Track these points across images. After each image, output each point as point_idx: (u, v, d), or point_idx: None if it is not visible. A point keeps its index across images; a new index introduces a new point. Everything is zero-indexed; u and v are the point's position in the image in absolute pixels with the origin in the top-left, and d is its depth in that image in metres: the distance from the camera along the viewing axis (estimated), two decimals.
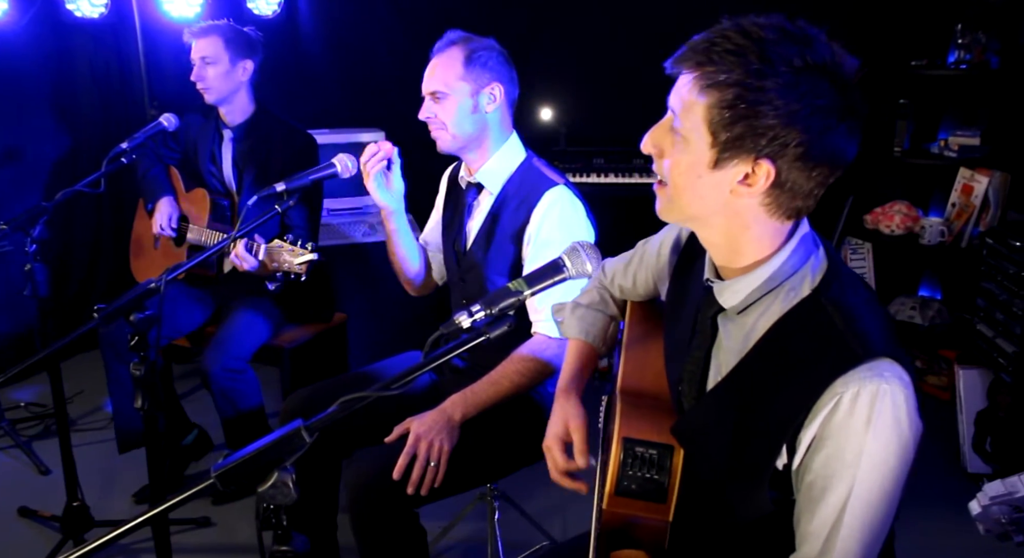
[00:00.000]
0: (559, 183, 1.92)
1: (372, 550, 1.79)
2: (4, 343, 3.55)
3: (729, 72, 0.97)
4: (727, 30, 1.00)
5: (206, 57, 2.59)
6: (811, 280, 1.07)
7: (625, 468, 1.17)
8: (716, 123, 0.99)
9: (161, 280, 1.68)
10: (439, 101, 1.90)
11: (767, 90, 0.96)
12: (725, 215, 1.06)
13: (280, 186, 1.92)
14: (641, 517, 1.17)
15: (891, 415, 0.99)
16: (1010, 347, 2.69)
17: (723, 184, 1.03)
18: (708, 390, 1.18)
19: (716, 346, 1.17)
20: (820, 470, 1.02)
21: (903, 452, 1.01)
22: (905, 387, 1.00)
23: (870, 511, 1.01)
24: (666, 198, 1.09)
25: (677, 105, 1.04)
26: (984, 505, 2.27)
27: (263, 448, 1.09)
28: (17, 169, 3.56)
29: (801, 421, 1.02)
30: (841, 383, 0.99)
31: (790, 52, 0.96)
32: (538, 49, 3.72)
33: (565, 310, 1.62)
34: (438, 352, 1.18)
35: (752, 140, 0.98)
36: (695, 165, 1.03)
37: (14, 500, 2.67)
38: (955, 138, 3.32)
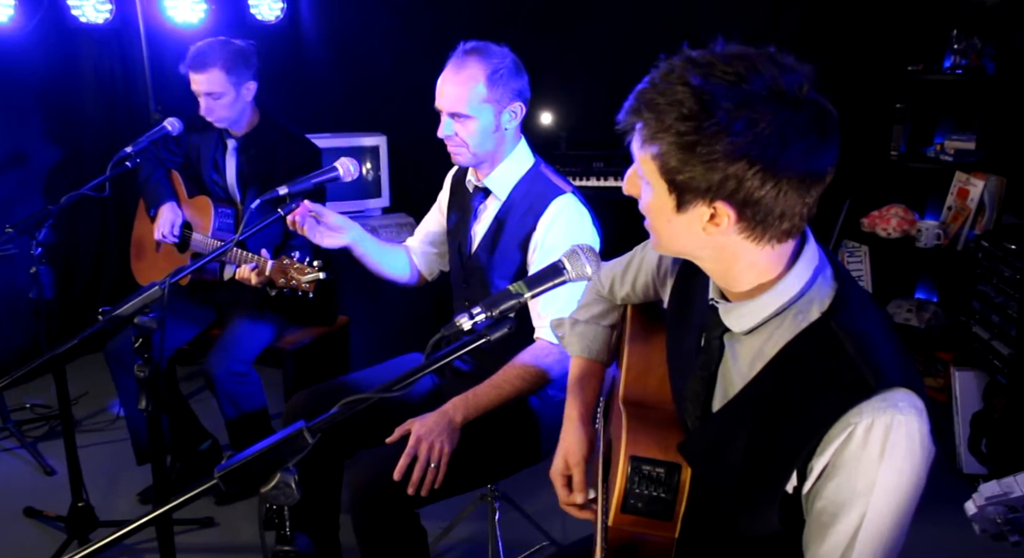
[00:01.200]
0: (566, 191, 1.92)
1: (373, 550, 1.80)
2: (10, 345, 3.56)
3: (663, 123, 0.96)
4: (660, 78, 0.99)
5: (212, 93, 2.53)
6: (820, 303, 1.05)
7: (632, 486, 1.16)
8: (665, 171, 0.99)
9: (165, 283, 1.69)
10: (461, 122, 1.86)
11: (704, 132, 0.94)
12: (711, 250, 1.06)
13: (283, 190, 1.91)
14: (647, 534, 1.16)
15: (905, 446, 0.98)
16: (1005, 349, 2.71)
17: (694, 225, 1.02)
18: (714, 411, 1.16)
19: (723, 366, 1.15)
20: (831, 497, 1.01)
21: (916, 481, 1.00)
22: (919, 415, 0.99)
23: (882, 538, 1.01)
24: (654, 235, 1.10)
25: (635, 155, 1.04)
26: (980, 505, 2.28)
27: (266, 449, 1.10)
28: (22, 173, 3.57)
29: (813, 448, 1.01)
30: (855, 413, 0.98)
31: (721, 91, 0.94)
32: (540, 54, 3.73)
33: (564, 326, 1.62)
34: (439, 354, 1.19)
35: (704, 183, 0.97)
36: (663, 209, 1.03)
37: (20, 500, 2.69)
38: (951, 142, 3.33)
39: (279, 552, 1.16)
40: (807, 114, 0.95)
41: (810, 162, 0.96)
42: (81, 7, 3.46)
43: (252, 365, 2.62)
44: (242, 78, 2.58)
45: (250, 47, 2.64)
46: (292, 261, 2.09)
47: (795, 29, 3.56)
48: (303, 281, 2.05)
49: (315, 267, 2.05)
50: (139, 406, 1.75)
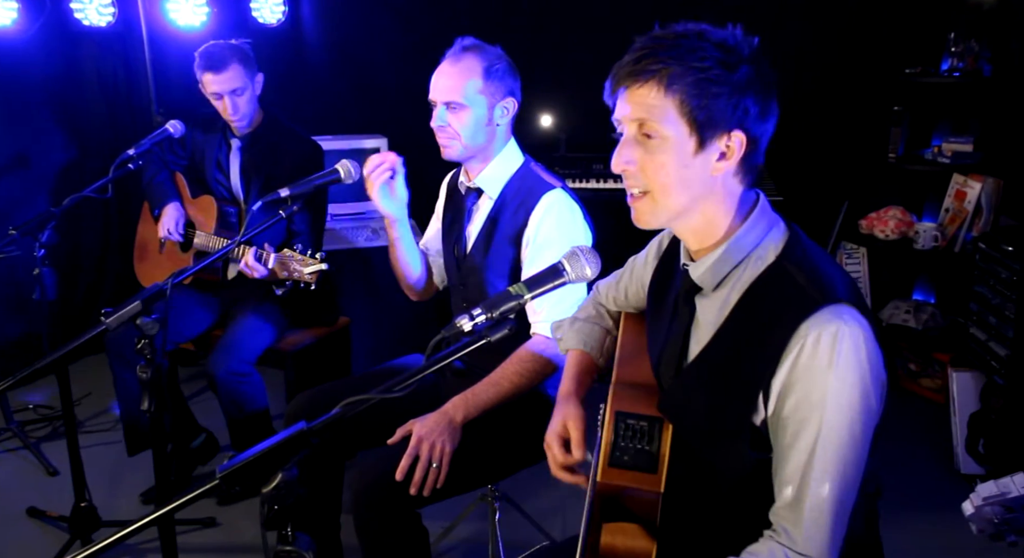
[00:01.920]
0: (556, 186, 1.94)
1: (375, 550, 1.80)
2: (13, 346, 3.57)
3: (684, 64, 1.09)
4: (659, 35, 1.14)
5: (236, 89, 2.56)
6: (775, 247, 1.16)
7: (617, 439, 1.21)
8: (692, 110, 1.10)
9: (167, 284, 1.69)
10: (454, 111, 1.89)
11: (724, 69, 1.09)
12: (705, 196, 1.16)
13: (284, 192, 1.92)
14: (634, 489, 1.20)
15: (852, 355, 1.06)
16: (1002, 350, 2.72)
17: (707, 165, 1.13)
18: (686, 365, 1.24)
19: (694, 324, 1.24)
20: (791, 415, 1.09)
21: (865, 390, 1.07)
22: (864, 329, 1.07)
23: (839, 451, 1.07)
24: (650, 205, 1.17)
25: (643, 113, 1.12)
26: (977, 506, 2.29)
27: (268, 449, 1.11)
28: (25, 175, 3.58)
29: (772, 370, 1.10)
30: (804, 327, 1.07)
31: (717, 36, 1.12)
32: (539, 57, 3.75)
33: (564, 326, 1.66)
34: (440, 355, 1.20)
35: (723, 114, 1.10)
36: (681, 157, 1.12)
37: (23, 501, 2.70)
38: (948, 144, 3.35)
39: (281, 552, 1.16)
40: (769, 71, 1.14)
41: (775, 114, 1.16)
42: (84, 10, 3.48)
43: (254, 366, 2.63)
44: (253, 72, 2.64)
45: (248, 45, 2.69)
46: (294, 253, 2.10)
47: (795, 33, 3.58)
48: (305, 272, 2.06)
49: (317, 258, 2.06)
50: (142, 407, 1.76)
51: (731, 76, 1.09)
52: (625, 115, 1.15)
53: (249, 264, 2.23)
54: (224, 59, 2.55)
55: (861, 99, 3.57)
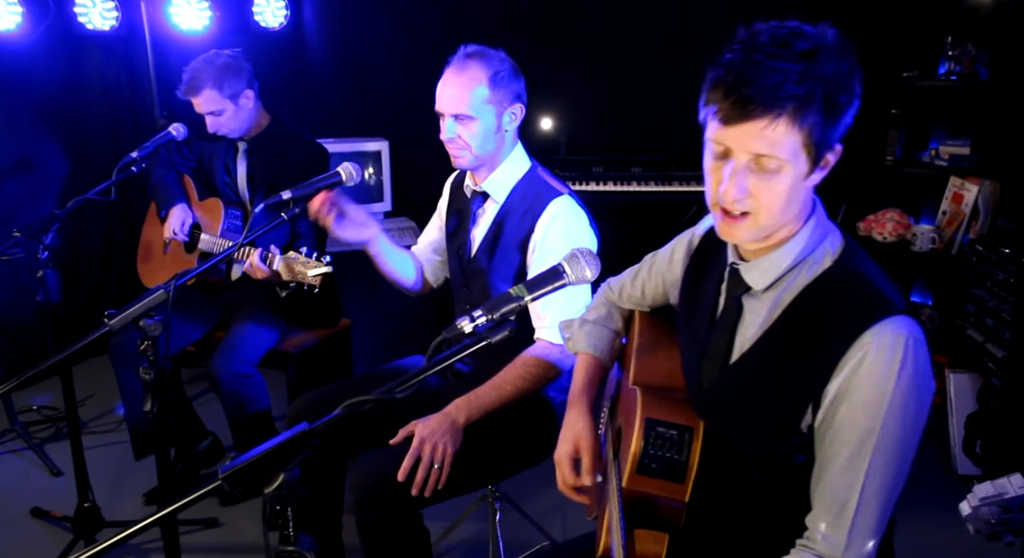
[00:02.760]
0: (563, 193, 1.94)
1: (376, 550, 1.81)
2: (17, 347, 3.58)
3: (815, 93, 1.04)
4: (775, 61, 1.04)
5: (212, 111, 2.60)
6: (832, 254, 1.16)
7: (647, 447, 1.20)
8: (816, 137, 1.07)
9: (170, 286, 1.69)
10: (463, 123, 1.87)
11: (843, 94, 1.06)
12: (798, 206, 1.14)
13: (286, 194, 1.92)
14: (659, 496, 1.20)
15: (913, 366, 1.06)
16: (999, 352, 2.73)
17: (811, 181, 1.13)
18: (732, 362, 1.22)
19: (741, 324, 1.22)
20: (844, 420, 1.08)
21: (921, 401, 1.08)
22: (922, 342, 1.08)
23: (894, 458, 1.07)
24: (751, 225, 1.13)
25: (767, 149, 1.06)
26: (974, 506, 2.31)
27: (270, 450, 1.11)
28: (30, 178, 3.60)
29: (829, 374, 1.09)
30: (868, 336, 1.06)
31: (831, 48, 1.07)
32: (539, 60, 3.75)
33: (573, 326, 1.66)
34: (441, 356, 1.20)
35: (835, 134, 1.09)
36: (796, 181, 1.10)
37: (27, 501, 2.71)
38: (946, 147, 3.36)
39: (283, 552, 1.16)
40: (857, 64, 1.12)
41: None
42: (88, 14, 3.50)
43: (256, 367, 2.63)
44: (237, 89, 2.61)
45: (237, 55, 2.65)
46: (299, 256, 2.10)
47: None
48: (309, 275, 2.06)
49: (322, 261, 2.06)
50: (145, 408, 1.76)
51: (850, 97, 1.07)
52: (743, 147, 1.08)
53: (254, 265, 2.24)
54: (197, 85, 2.57)
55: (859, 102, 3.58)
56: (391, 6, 3.86)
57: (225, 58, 2.62)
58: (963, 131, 3.43)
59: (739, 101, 1.04)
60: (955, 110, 3.47)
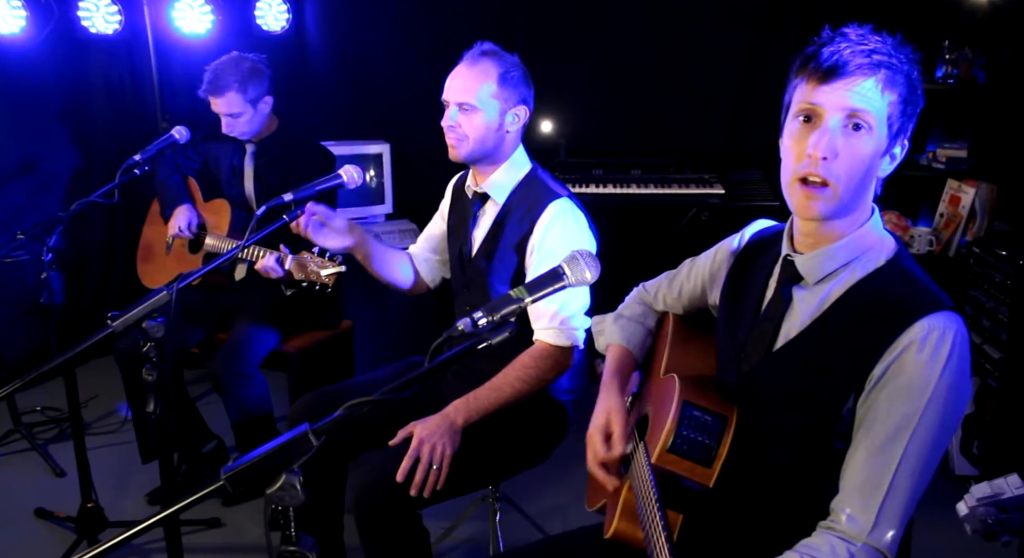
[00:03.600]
0: (562, 195, 1.95)
1: (377, 550, 1.82)
2: (21, 349, 3.60)
3: (902, 69, 1.14)
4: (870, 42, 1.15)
5: (231, 113, 2.63)
6: (885, 255, 1.20)
7: (680, 427, 1.23)
8: (895, 115, 1.15)
9: (172, 288, 1.70)
10: (466, 112, 1.90)
11: (918, 69, 1.16)
12: (868, 189, 1.20)
13: (288, 196, 1.94)
14: (684, 477, 1.23)
15: (959, 359, 1.10)
16: (996, 353, 2.74)
17: (879, 166, 1.19)
18: (776, 348, 1.25)
19: (788, 313, 1.25)
20: (885, 403, 1.11)
21: (962, 394, 1.11)
22: (968, 344, 1.12)
23: (929, 445, 1.10)
24: (833, 197, 1.16)
25: (862, 104, 1.13)
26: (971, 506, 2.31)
27: (271, 451, 1.11)
28: (33, 180, 3.62)
29: (877, 357, 1.12)
30: (921, 324, 1.10)
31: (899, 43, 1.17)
32: (539, 63, 3.75)
33: (606, 321, 1.68)
34: (441, 358, 1.21)
35: (908, 123, 1.17)
36: (875, 154, 1.16)
37: (31, 501, 2.73)
38: (943, 150, 3.37)
39: (284, 552, 1.16)
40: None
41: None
42: (91, 18, 3.51)
43: (258, 368, 2.65)
44: (259, 94, 2.66)
45: (261, 61, 2.70)
46: (312, 255, 2.11)
47: (792, 39, 3.60)
48: (323, 274, 2.07)
49: (335, 261, 2.07)
50: (147, 409, 1.78)
51: (920, 85, 1.16)
52: (838, 104, 1.14)
53: (267, 266, 2.25)
54: (223, 86, 2.60)
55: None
56: (392, 10, 3.88)
57: (251, 63, 2.66)
58: (960, 134, 3.43)
59: (838, 61, 1.13)
60: (952, 113, 3.47)
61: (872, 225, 1.22)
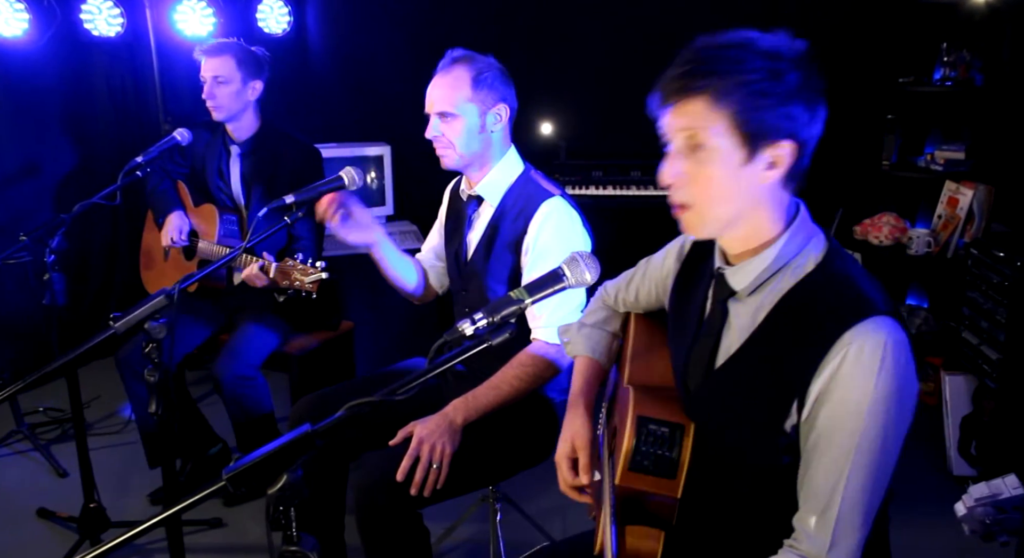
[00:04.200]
0: (555, 194, 1.96)
1: (378, 550, 1.82)
2: (24, 350, 3.61)
3: (735, 77, 1.09)
4: (703, 46, 1.12)
5: (218, 76, 2.63)
6: (815, 257, 1.16)
7: (639, 444, 1.21)
8: (742, 123, 1.10)
9: (174, 289, 1.71)
10: (447, 121, 1.91)
11: (772, 79, 1.09)
12: (752, 206, 1.16)
13: (290, 198, 1.94)
14: (652, 493, 1.21)
15: (893, 366, 1.06)
16: (994, 354, 2.74)
17: (755, 176, 1.13)
18: (717, 367, 1.23)
19: (726, 328, 1.23)
20: (825, 422, 1.09)
21: (902, 400, 1.08)
22: (904, 341, 1.08)
23: (875, 457, 1.08)
24: (696, 218, 1.17)
25: (692, 125, 1.12)
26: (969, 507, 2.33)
27: (273, 451, 1.11)
28: (36, 182, 3.63)
29: (811, 374, 1.10)
30: (848, 336, 1.07)
31: (764, 44, 1.11)
32: (539, 66, 3.78)
33: (571, 330, 1.68)
34: (442, 359, 1.21)
35: (772, 125, 1.10)
36: (730, 169, 1.12)
37: (33, 501, 2.73)
38: (941, 152, 3.38)
39: (286, 552, 1.17)
40: (816, 74, 1.13)
41: (823, 116, 1.14)
42: (93, 20, 3.53)
43: (259, 369, 2.65)
44: (250, 74, 2.68)
45: (265, 56, 2.74)
46: (295, 263, 2.12)
47: None
48: (306, 281, 2.08)
49: (317, 267, 2.08)
50: (149, 410, 1.78)
51: (778, 85, 1.09)
52: (673, 128, 1.14)
53: (250, 276, 2.26)
54: (221, 48, 2.65)
55: (855, 107, 3.59)
56: (393, 13, 3.89)
57: (256, 50, 2.72)
58: (958, 136, 3.45)
59: (667, 85, 1.14)
60: (950, 115, 3.49)
61: (797, 226, 1.18)
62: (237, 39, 2.73)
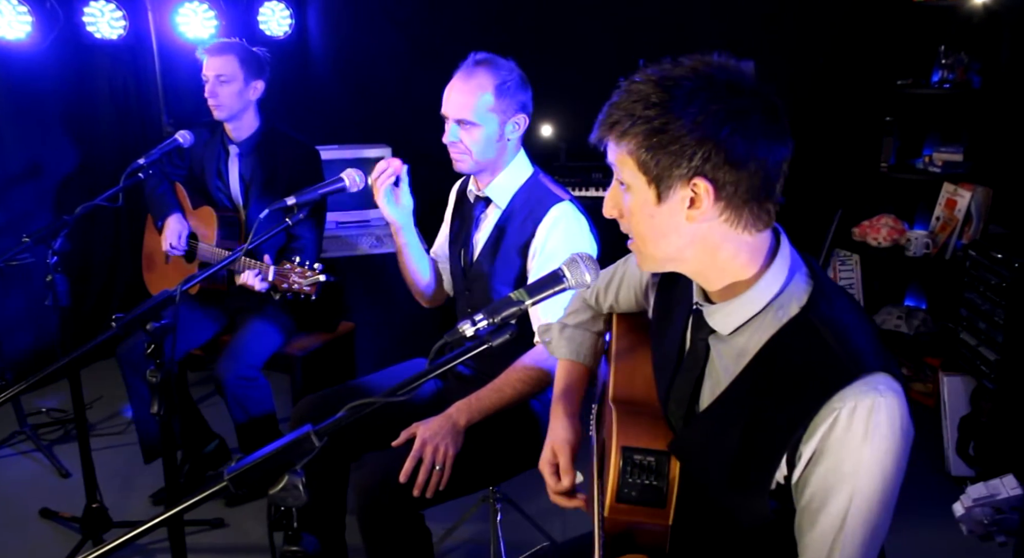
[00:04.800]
0: (564, 199, 1.96)
1: (379, 550, 1.83)
2: (27, 351, 3.61)
3: (632, 116, 1.05)
4: (624, 86, 1.09)
5: (221, 75, 2.64)
6: (798, 299, 1.10)
7: (625, 476, 1.18)
8: (643, 163, 1.06)
9: (176, 290, 1.71)
10: (466, 129, 1.90)
11: (668, 115, 1.03)
12: (694, 244, 1.11)
13: (291, 200, 1.94)
14: (642, 523, 1.19)
15: (887, 427, 1.02)
16: (992, 355, 2.75)
17: (676, 214, 1.08)
18: (703, 409, 1.20)
19: (709, 366, 1.19)
20: (819, 483, 1.05)
21: (899, 460, 1.05)
22: (898, 397, 1.04)
23: (870, 519, 1.05)
24: (639, 251, 1.17)
25: (613, 163, 1.12)
26: (967, 507, 2.35)
27: (274, 452, 1.11)
28: (39, 184, 3.64)
29: (800, 436, 1.05)
30: (838, 399, 1.02)
31: (681, 77, 1.05)
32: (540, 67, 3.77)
33: (552, 331, 1.66)
34: (443, 359, 1.21)
35: (677, 164, 1.04)
36: (644, 206, 1.10)
37: (36, 501, 2.74)
38: (939, 154, 3.39)
39: (287, 552, 1.17)
40: (756, 101, 1.05)
41: (770, 138, 1.06)
42: (96, 23, 3.54)
43: (261, 370, 2.66)
44: (252, 74, 2.69)
45: (266, 57, 2.75)
46: (293, 265, 2.12)
47: (787, 46, 3.63)
48: (304, 284, 2.08)
49: (316, 270, 2.08)
50: (151, 410, 1.78)
51: (684, 122, 1.03)
52: (608, 160, 1.14)
53: (249, 282, 2.27)
54: (224, 47, 2.66)
55: (854, 110, 3.61)
56: (393, 15, 3.91)
57: (257, 51, 2.73)
58: (956, 138, 3.46)
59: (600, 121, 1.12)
60: (948, 117, 3.50)
61: (777, 265, 1.11)
62: (240, 39, 2.74)
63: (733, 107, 1.03)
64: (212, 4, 3.63)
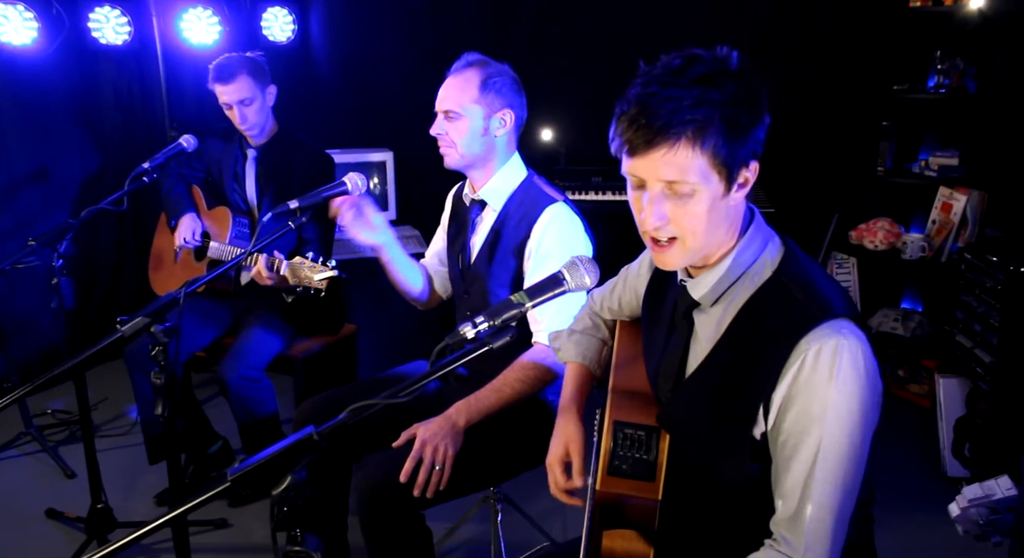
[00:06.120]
0: (558, 200, 1.98)
1: (380, 550, 1.84)
2: (32, 353, 3.63)
3: (708, 115, 1.06)
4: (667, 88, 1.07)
5: (243, 100, 2.65)
6: (771, 263, 1.18)
7: (616, 448, 1.22)
8: (721, 161, 1.09)
9: (181, 292, 1.72)
10: (452, 120, 1.94)
11: (737, 107, 1.08)
12: (725, 225, 1.17)
13: (294, 203, 1.96)
14: (632, 496, 1.21)
15: (851, 367, 1.07)
16: (987, 357, 2.77)
17: (731, 201, 1.14)
18: (686, 378, 1.25)
19: (693, 339, 1.25)
20: (791, 428, 1.10)
21: (865, 402, 1.08)
22: (862, 342, 1.09)
23: (840, 461, 1.08)
24: (680, 250, 1.16)
25: (675, 175, 1.09)
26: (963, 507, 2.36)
27: (277, 453, 1.12)
28: (44, 188, 3.65)
29: (773, 383, 1.11)
30: (804, 342, 1.08)
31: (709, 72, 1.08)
32: (540, 72, 3.81)
33: (562, 337, 1.70)
34: (444, 361, 1.22)
35: (745, 152, 1.11)
36: (714, 202, 1.12)
37: (41, 502, 2.76)
38: (935, 158, 3.41)
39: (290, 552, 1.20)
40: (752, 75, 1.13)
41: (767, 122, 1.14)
42: (101, 29, 3.57)
43: (264, 372, 2.68)
44: (264, 83, 2.71)
45: (262, 58, 2.77)
46: (306, 260, 2.13)
47: (785, 50, 3.64)
48: (316, 279, 2.09)
49: (328, 265, 2.09)
50: (156, 411, 1.79)
51: (754, 116, 1.09)
52: (653, 175, 1.11)
53: (261, 272, 2.27)
54: (232, 71, 2.64)
55: (851, 115, 3.62)
56: (396, 20, 3.92)
57: (253, 56, 2.73)
58: (952, 142, 3.47)
59: (640, 131, 1.08)
60: (944, 122, 3.51)
61: (752, 233, 1.19)
62: (238, 53, 2.74)
63: (757, 86, 1.11)
64: (216, 10, 3.66)
